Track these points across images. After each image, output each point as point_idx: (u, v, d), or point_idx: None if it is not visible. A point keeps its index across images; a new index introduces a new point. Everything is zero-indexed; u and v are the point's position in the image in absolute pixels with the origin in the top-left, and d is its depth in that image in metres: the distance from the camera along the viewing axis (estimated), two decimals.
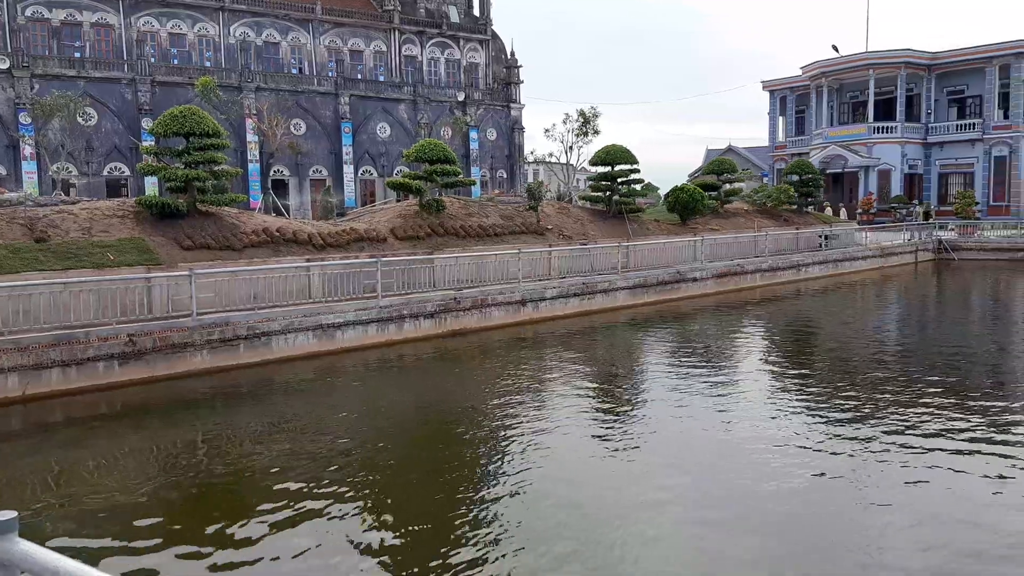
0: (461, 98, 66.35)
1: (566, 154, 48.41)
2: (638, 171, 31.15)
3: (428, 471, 10.13)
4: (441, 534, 8.00)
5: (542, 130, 71.48)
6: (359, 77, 62.50)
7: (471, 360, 17.72)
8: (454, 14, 69.39)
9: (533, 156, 63.74)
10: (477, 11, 71.25)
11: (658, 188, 68.46)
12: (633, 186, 31.36)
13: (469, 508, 8.70)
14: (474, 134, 66.06)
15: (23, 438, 12.19)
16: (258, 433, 12.05)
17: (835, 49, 54.92)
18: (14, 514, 2.29)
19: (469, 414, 13.04)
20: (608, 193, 31.05)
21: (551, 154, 56.68)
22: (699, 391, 13.74)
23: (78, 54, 51.25)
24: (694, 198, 31.53)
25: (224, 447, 11.39)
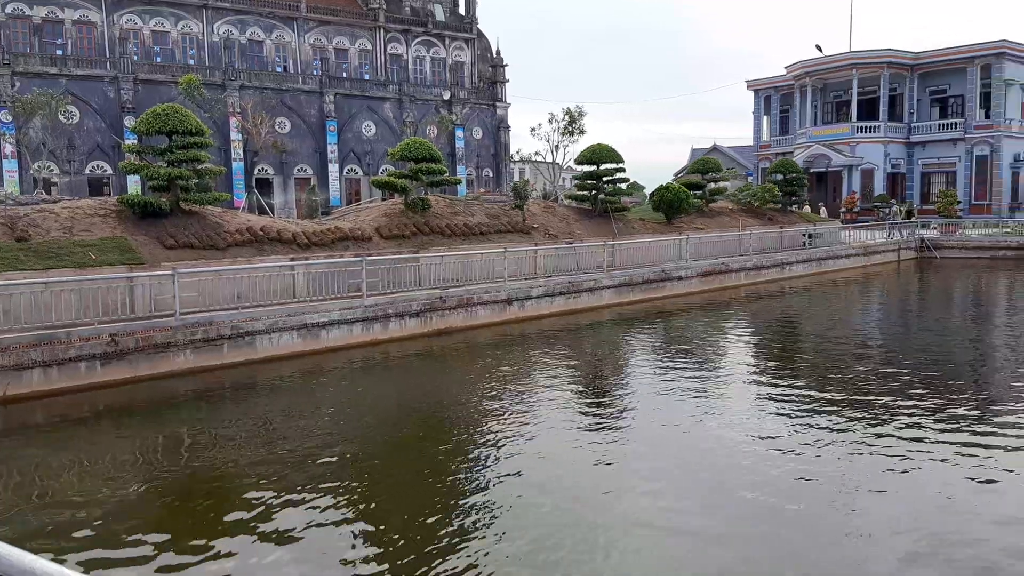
0: (447, 97, 66.27)
1: (552, 153, 48.50)
2: (624, 170, 31.21)
3: (412, 471, 10.11)
4: (425, 534, 7.98)
5: (528, 129, 71.37)
6: (344, 75, 62.31)
7: (457, 359, 17.70)
8: (439, 12, 69.29)
9: (519, 155, 63.80)
10: (463, 10, 71.20)
11: (644, 187, 68.57)
12: (619, 185, 31.40)
13: (454, 508, 8.68)
14: (460, 133, 66.00)
15: (3, 439, 12.05)
16: (242, 434, 11.98)
17: (819, 49, 55.34)
18: None
19: (454, 413, 13.02)
20: (594, 192, 31.09)
21: (537, 153, 56.81)
22: (683, 389, 13.79)
23: (60, 52, 50.79)
24: (679, 197, 31.63)
25: (207, 448, 11.31)
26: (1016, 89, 50.74)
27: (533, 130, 49.89)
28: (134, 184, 46.05)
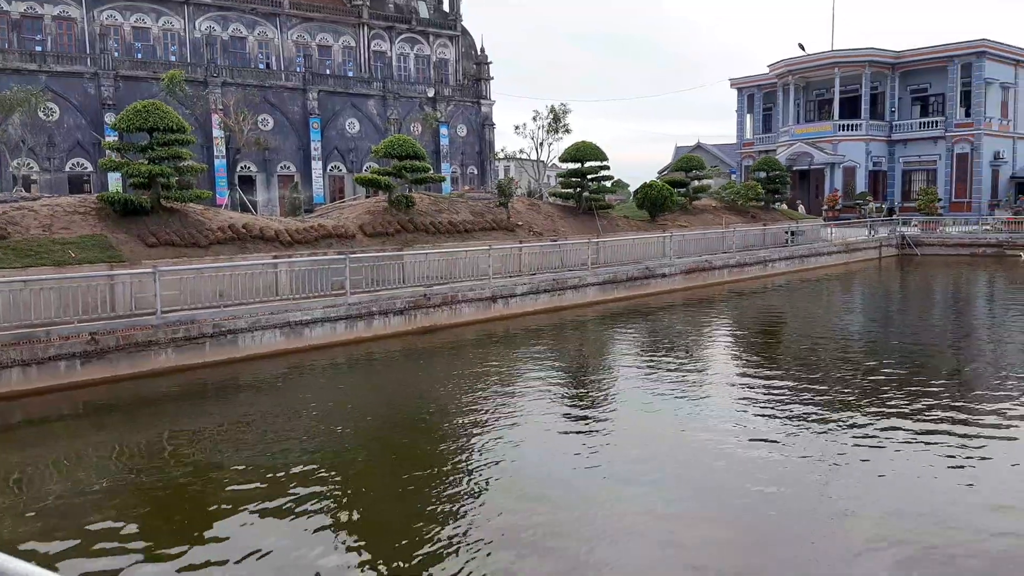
0: (431, 94, 66.10)
1: (536, 151, 48.43)
2: (608, 168, 31.27)
3: (396, 469, 10.08)
4: (408, 533, 7.97)
5: (512, 127, 71.26)
6: (328, 72, 61.99)
7: (441, 357, 17.66)
8: (423, 10, 69.09)
9: (504, 153, 63.63)
10: (447, 7, 71.03)
11: (628, 185, 68.71)
12: (603, 183, 31.45)
13: (438, 505, 8.67)
14: (444, 130, 65.85)
15: None
16: (224, 433, 11.90)
17: (801, 48, 55.57)
18: None
19: (438, 411, 13.00)
20: (578, 190, 31.13)
21: (522, 150, 56.65)
22: (667, 385, 13.84)
23: (39, 48, 50.21)
24: (663, 195, 31.73)
25: (189, 447, 11.23)
26: (996, 88, 51.27)
27: (517, 128, 49.76)
28: (115, 182, 45.62)
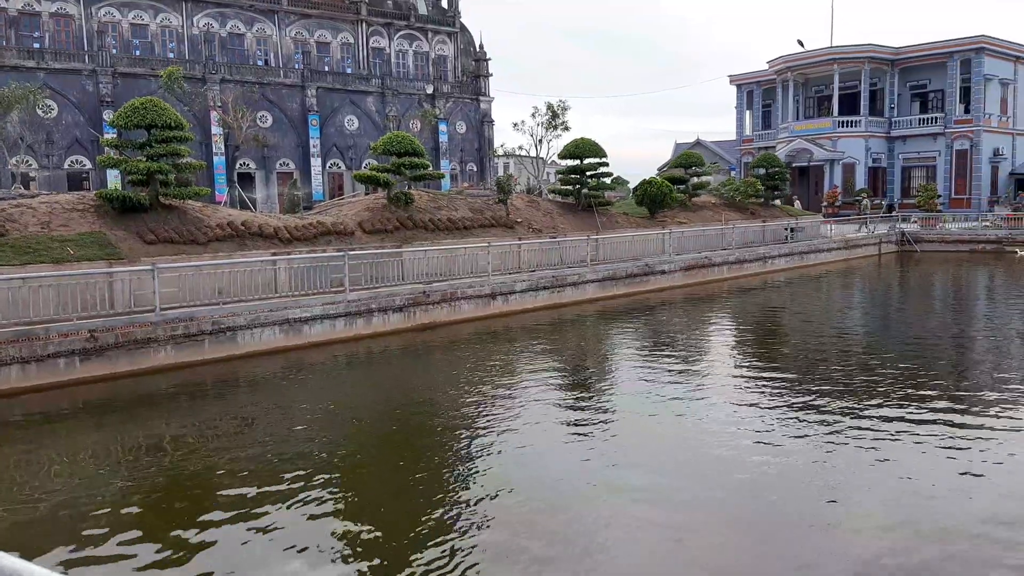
0: (430, 91, 66.03)
1: (535, 147, 48.34)
2: (607, 164, 31.23)
3: (395, 467, 10.07)
4: (409, 529, 7.96)
5: (511, 124, 71.14)
6: (326, 69, 61.91)
7: (440, 354, 17.65)
8: (422, 6, 68.99)
9: (503, 149, 63.59)
10: (445, 3, 70.91)
11: (627, 182, 68.66)
12: (602, 179, 31.43)
13: (436, 504, 8.65)
14: (443, 127, 65.78)
15: None
16: (223, 430, 11.89)
17: (800, 44, 55.47)
18: None
19: (438, 408, 12.99)
20: (577, 186, 31.10)
21: (520, 147, 56.68)
22: (666, 383, 13.82)
23: (37, 45, 50.13)
24: (662, 191, 31.71)
25: (188, 445, 11.21)
26: (995, 84, 51.22)
27: (516, 125, 49.65)
28: (114, 179, 45.59)
